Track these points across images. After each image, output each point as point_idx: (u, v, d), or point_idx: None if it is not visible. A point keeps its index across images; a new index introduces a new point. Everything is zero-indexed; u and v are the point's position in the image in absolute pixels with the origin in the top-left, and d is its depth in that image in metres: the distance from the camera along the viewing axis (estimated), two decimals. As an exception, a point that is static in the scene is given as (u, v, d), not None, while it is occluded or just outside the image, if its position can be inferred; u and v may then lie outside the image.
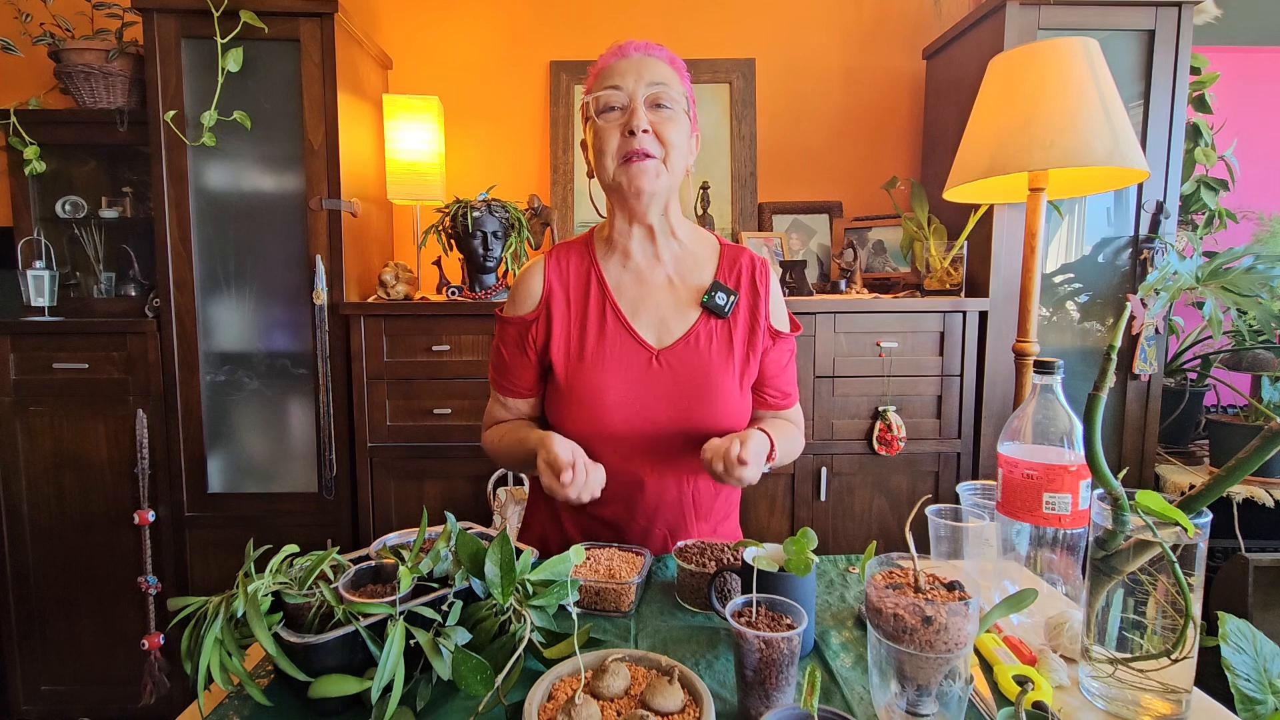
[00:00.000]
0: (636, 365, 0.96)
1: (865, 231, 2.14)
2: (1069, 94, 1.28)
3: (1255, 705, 1.16)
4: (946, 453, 1.87)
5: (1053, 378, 0.80)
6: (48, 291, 1.87)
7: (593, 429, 0.94)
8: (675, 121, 0.94)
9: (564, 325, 0.98)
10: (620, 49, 0.96)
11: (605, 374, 0.95)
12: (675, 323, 0.98)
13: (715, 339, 0.98)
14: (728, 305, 0.97)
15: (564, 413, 0.97)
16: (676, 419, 0.95)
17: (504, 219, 1.85)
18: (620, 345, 0.96)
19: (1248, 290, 1.61)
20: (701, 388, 0.95)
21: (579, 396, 0.95)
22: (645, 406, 0.94)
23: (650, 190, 0.93)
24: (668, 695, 0.56)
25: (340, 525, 1.86)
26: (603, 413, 0.94)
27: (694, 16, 2.23)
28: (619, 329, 0.97)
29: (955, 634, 0.53)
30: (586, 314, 0.98)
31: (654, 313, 0.98)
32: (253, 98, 1.78)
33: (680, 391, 0.95)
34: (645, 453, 0.95)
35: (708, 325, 0.98)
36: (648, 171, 0.92)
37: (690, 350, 0.97)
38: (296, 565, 0.66)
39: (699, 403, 0.95)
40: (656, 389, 0.95)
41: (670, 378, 0.95)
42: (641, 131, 0.91)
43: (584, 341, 0.97)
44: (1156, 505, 0.57)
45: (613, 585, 0.79)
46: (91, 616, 1.88)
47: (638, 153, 0.91)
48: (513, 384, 1.02)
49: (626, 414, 0.94)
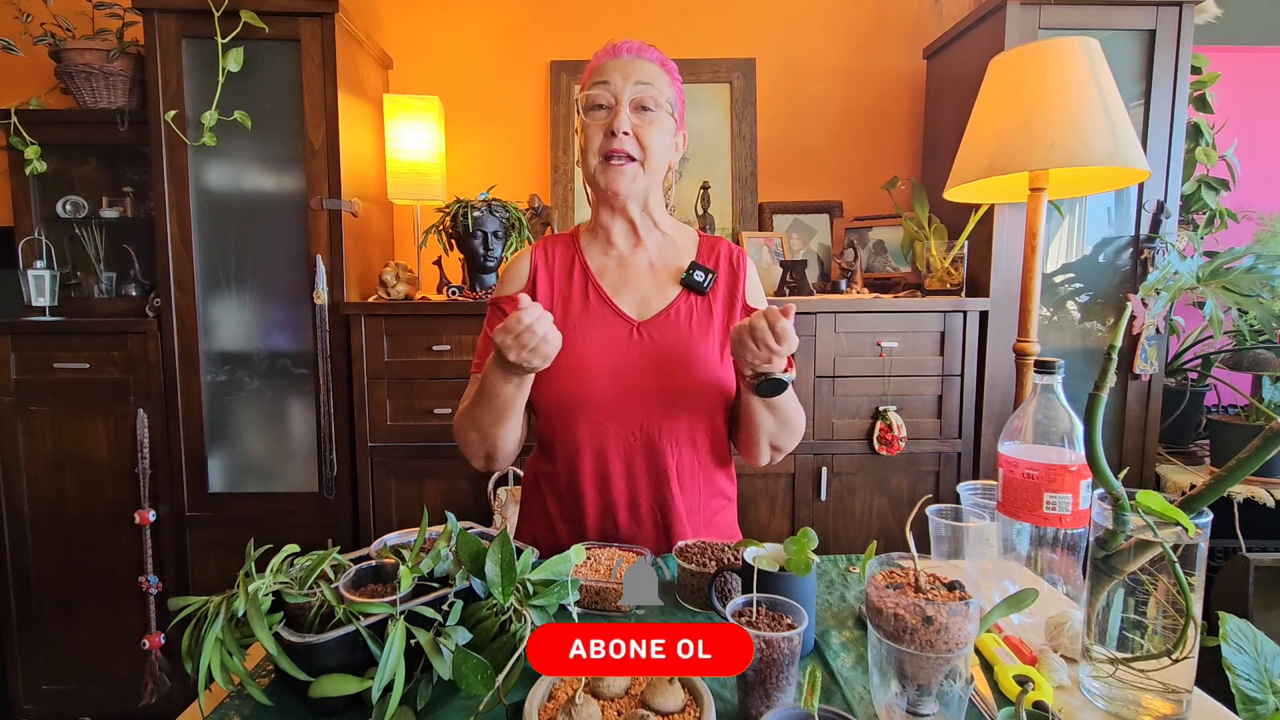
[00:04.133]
0: (618, 336, 0.99)
1: (866, 231, 2.14)
2: (1069, 94, 1.28)
3: (1256, 705, 1.16)
4: (947, 453, 1.87)
5: (1053, 377, 0.80)
6: (48, 291, 1.87)
7: (576, 398, 0.97)
8: (657, 125, 0.98)
9: (547, 302, 1.03)
10: (614, 48, 0.99)
11: (587, 345, 0.98)
12: (656, 299, 1.02)
13: (695, 313, 1.01)
14: (706, 282, 1.01)
15: (547, 384, 0.97)
16: (658, 388, 0.97)
17: (504, 219, 1.85)
18: (602, 318, 1.00)
19: (1248, 290, 1.61)
20: (682, 357, 0.98)
21: (561, 367, 0.95)
22: (627, 376, 0.97)
23: (626, 191, 0.98)
24: (668, 695, 0.56)
25: (340, 525, 1.86)
26: (585, 382, 0.97)
27: (694, 16, 2.23)
28: (601, 304, 1.01)
29: (955, 634, 0.53)
30: (570, 292, 1.03)
31: (635, 292, 1.02)
32: (253, 98, 1.78)
33: (661, 360, 0.98)
34: (627, 423, 0.98)
35: (688, 301, 1.02)
36: (625, 174, 0.97)
37: (670, 322, 1.00)
38: (297, 565, 0.67)
39: (680, 371, 0.98)
40: (637, 359, 0.98)
41: (650, 348, 0.98)
42: (623, 134, 0.95)
43: (567, 316, 1.01)
44: (1157, 505, 0.57)
45: (613, 585, 0.79)
46: (92, 616, 1.88)
47: (617, 153, 0.96)
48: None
49: (608, 383, 0.97)
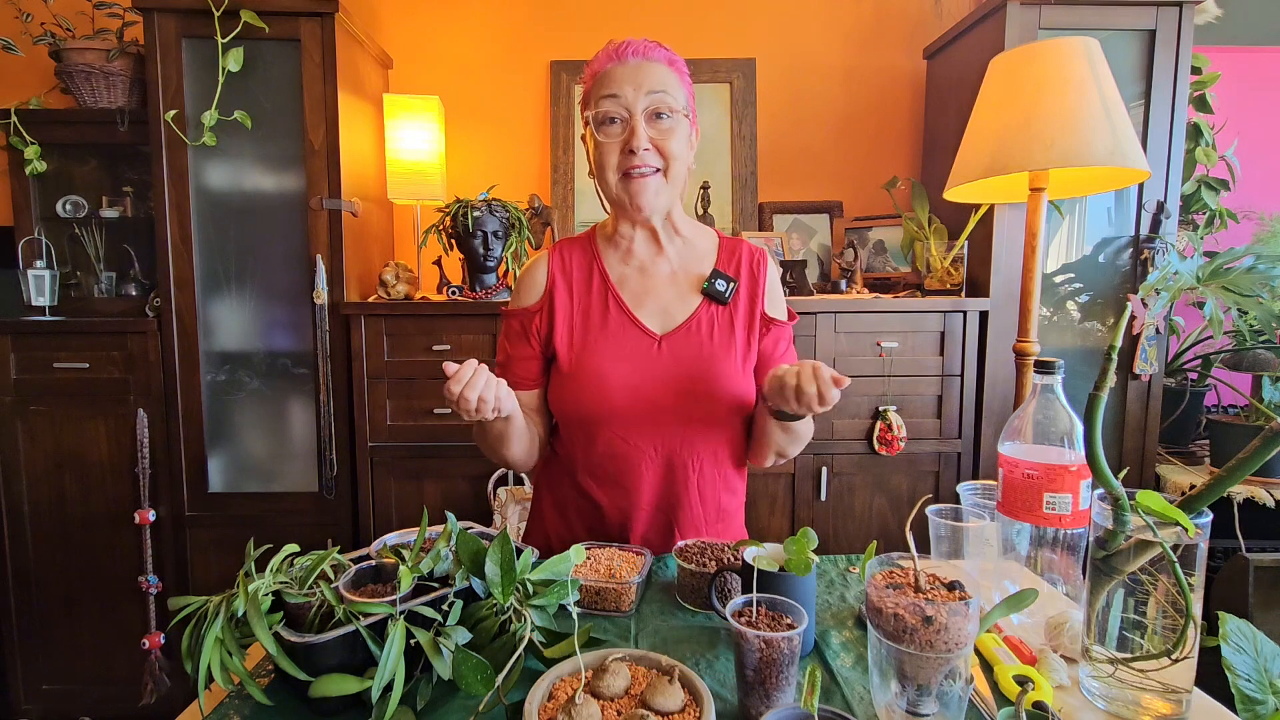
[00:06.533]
0: (639, 350, 0.97)
1: (866, 231, 2.14)
2: (1069, 94, 1.28)
3: (1255, 705, 1.15)
4: (947, 453, 1.87)
5: (1053, 378, 0.80)
6: (48, 291, 1.87)
7: (596, 413, 0.96)
8: (675, 131, 0.94)
9: (567, 315, 1.00)
10: (617, 52, 0.94)
11: (608, 360, 0.97)
12: (678, 310, 1.00)
13: (717, 324, 0.99)
14: (728, 291, 0.99)
15: (568, 398, 0.98)
16: (680, 403, 0.96)
17: (504, 219, 1.85)
18: (623, 332, 0.98)
19: (1248, 290, 1.61)
20: (705, 372, 0.96)
21: (582, 382, 0.97)
22: (648, 391, 0.96)
23: (650, 207, 0.95)
24: (668, 695, 0.56)
25: (340, 525, 1.86)
26: (605, 397, 0.95)
27: (694, 16, 2.23)
28: (622, 317, 0.99)
29: (955, 634, 0.53)
30: (590, 304, 1.00)
31: (657, 302, 1.00)
32: (253, 97, 1.78)
33: (683, 375, 0.96)
34: (648, 437, 0.97)
35: (709, 311, 0.99)
36: (649, 187, 0.94)
37: (692, 335, 0.98)
38: (297, 565, 0.67)
39: (701, 386, 0.96)
40: (660, 373, 0.96)
41: (673, 362, 0.97)
42: (643, 150, 0.92)
43: (587, 329, 0.99)
44: (1157, 505, 0.57)
45: (613, 585, 0.79)
46: (92, 616, 1.88)
47: (638, 167, 0.92)
48: (514, 376, 1.03)
49: (630, 398, 0.95)
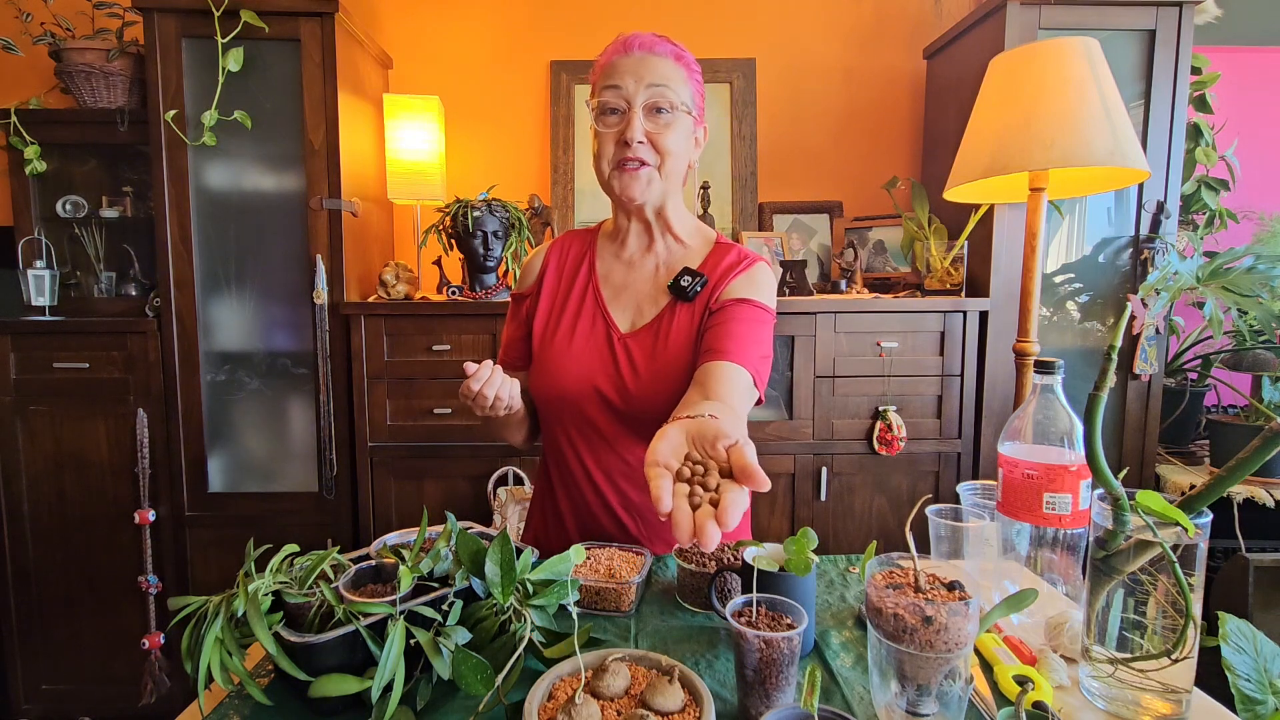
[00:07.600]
0: (598, 345, 0.99)
1: (866, 231, 2.14)
2: (1069, 94, 1.28)
3: (1255, 705, 1.15)
4: (947, 453, 1.87)
5: (1053, 378, 0.80)
6: (48, 291, 1.87)
7: (551, 398, 0.99)
8: (674, 127, 0.94)
9: (549, 300, 1.04)
10: (624, 44, 0.95)
11: (569, 350, 0.99)
12: (649, 309, 1.00)
13: (681, 326, 0.97)
14: (691, 288, 0.97)
15: (533, 382, 1.03)
16: (626, 401, 0.96)
17: (504, 219, 1.85)
18: (590, 325, 1.01)
19: (1248, 290, 1.61)
20: (657, 373, 0.96)
21: (544, 365, 1.00)
22: (602, 384, 0.97)
23: (640, 199, 0.96)
24: (668, 695, 0.56)
25: (340, 525, 1.86)
26: (561, 386, 0.98)
27: (694, 16, 2.23)
28: (595, 310, 1.01)
29: (955, 634, 0.53)
30: (570, 292, 1.04)
31: (632, 299, 1.02)
32: (253, 97, 1.78)
33: (634, 375, 0.96)
34: (598, 429, 0.99)
35: (678, 313, 0.97)
36: (639, 181, 0.94)
37: (652, 336, 0.98)
38: (297, 565, 0.67)
39: (650, 386, 0.95)
40: (612, 371, 0.97)
41: (626, 361, 0.97)
42: (637, 142, 0.92)
43: (561, 316, 1.02)
44: (1157, 505, 0.57)
45: (613, 585, 0.79)
46: (92, 616, 1.88)
47: (631, 159, 0.93)
48: (512, 358, 1.08)
49: (581, 390, 0.98)
